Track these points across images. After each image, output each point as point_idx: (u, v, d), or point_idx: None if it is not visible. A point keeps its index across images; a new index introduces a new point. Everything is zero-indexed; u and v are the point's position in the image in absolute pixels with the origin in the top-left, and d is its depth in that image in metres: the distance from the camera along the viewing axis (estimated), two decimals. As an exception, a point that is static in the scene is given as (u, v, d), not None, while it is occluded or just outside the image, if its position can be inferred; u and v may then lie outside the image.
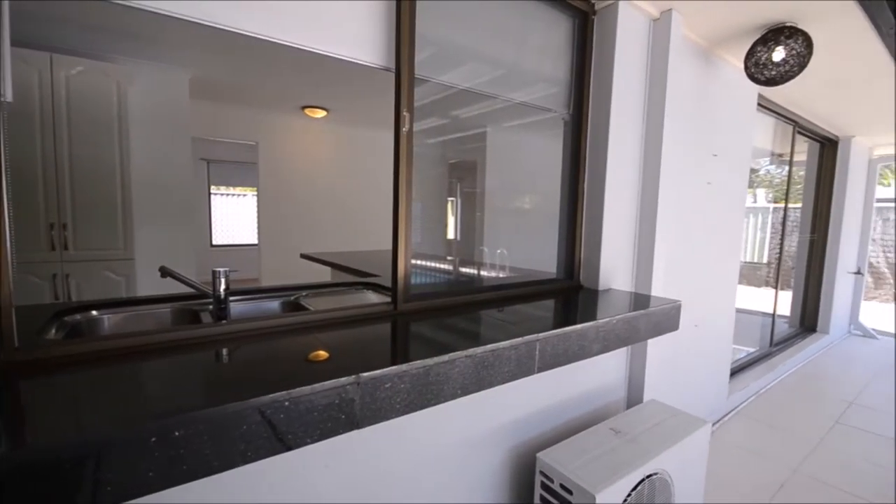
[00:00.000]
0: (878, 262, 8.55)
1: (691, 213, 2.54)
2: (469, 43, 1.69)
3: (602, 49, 1.90)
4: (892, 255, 8.44)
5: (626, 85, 1.95)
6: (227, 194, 8.42)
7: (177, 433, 0.70)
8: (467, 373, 1.10)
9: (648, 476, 1.58)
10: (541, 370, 1.29)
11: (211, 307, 1.50)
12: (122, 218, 2.91)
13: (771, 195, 5.97)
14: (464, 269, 2.86)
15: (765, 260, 5.01)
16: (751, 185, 5.57)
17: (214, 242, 8.26)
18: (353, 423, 0.91)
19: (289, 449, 0.83)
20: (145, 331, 1.05)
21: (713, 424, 3.06)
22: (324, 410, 0.87)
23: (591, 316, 1.51)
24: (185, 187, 3.53)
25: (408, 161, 1.41)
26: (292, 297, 1.77)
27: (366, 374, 0.92)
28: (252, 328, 1.18)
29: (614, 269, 2.00)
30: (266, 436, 0.80)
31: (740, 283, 5.16)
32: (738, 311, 3.81)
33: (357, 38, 1.34)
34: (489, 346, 1.14)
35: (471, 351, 1.10)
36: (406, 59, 1.38)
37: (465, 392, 1.10)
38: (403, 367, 0.98)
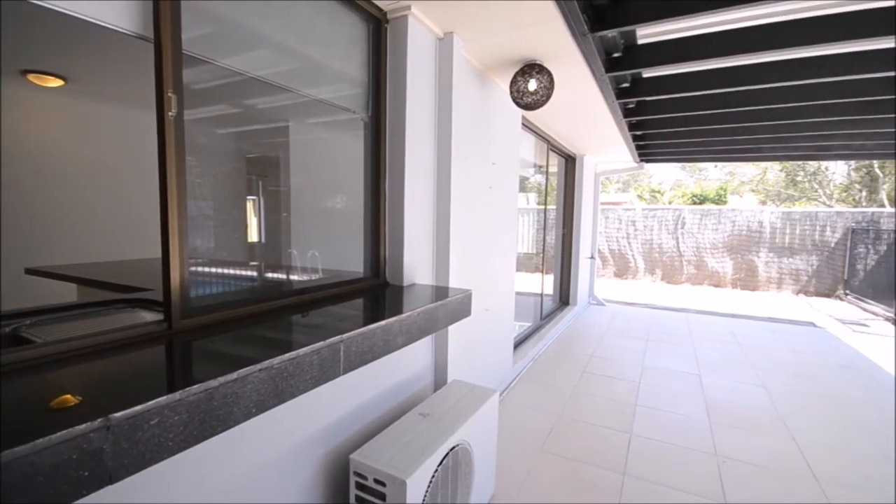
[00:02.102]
0: (603, 249, 11.60)
1: (478, 212, 2.93)
2: (259, 28, 1.54)
3: (396, 57, 2.00)
4: (613, 243, 11.53)
5: (419, 94, 2.11)
6: None
7: None
8: (263, 388, 1.00)
9: (452, 448, 1.75)
10: (347, 371, 1.28)
11: None
12: None
13: (537, 198, 7.41)
14: (270, 275, 2.62)
15: (535, 250, 6.17)
16: (523, 189, 6.78)
17: None
18: (104, 479, 0.72)
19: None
20: None
21: (503, 391, 3.62)
22: (53, 472, 0.66)
23: (396, 311, 1.58)
24: None
25: (177, 151, 1.20)
26: (7, 329, 1.30)
27: (119, 415, 0.74)
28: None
29: (417, 265, 2.14)
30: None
31: (519, 270, 6.20)
32: (518, 293, 4.58)
33: (96, -8, 1.07)
34: (288, 355, 1.07)
35: (266, 363, 1.01)
36: (168, 29, 1.17)
37: (262, 409, 1.00)
38: (177, 395, 0.83)
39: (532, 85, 2.51)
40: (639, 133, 5.06)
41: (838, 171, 17.28)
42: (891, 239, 8.44)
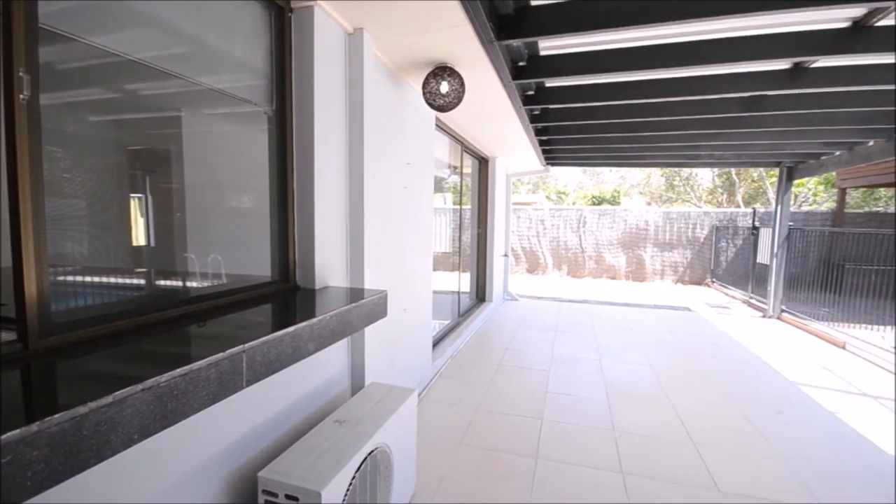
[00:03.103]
0: (515, 247, 12.24)
1: (393, 212, 2.91)
2: (140, 5, 1.37)
3: (302, 49, 1.91)
4: (524, 241, 12.20)
5: (329, 90, 2.04)
6: None
7: None
8: (148, 410, 0.89)
9: (371, 453, 1.72)
10: (252, 383, 1.19)
11: None
12: None
13: (453, 198, 7.58)
14: (162, 282, 2.34)
15: (452, 249, 6.31)
16: (440, 190, 6.89)
17: None
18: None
19: None
20: None
21: (423, 389, 3.65)
22: None
23: (307, 316, 1.51)
24: None
25: (31, 140, 1.02)
26: None
27: (-51, 458, 0.61)
28: None
29: (330, 267, 2.07)
30: None
31: (437, 269, 6.28)
32: (436, 292, 4.64)
33: None
34: (179, 371, 0.96)
35: (151, 382, 0.90)
36: (16, -2, 0.99)
37: (147, 434, 0.89)
38: (34, 427, 0.71)
39: (444, 87, 2.56)
40: (544, 138, 5.41)
41: (705, 176, 20.16)
42: (745, 234, 10.06)
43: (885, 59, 2.92)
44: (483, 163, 6.64)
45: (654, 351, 5.06)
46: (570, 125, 4.91)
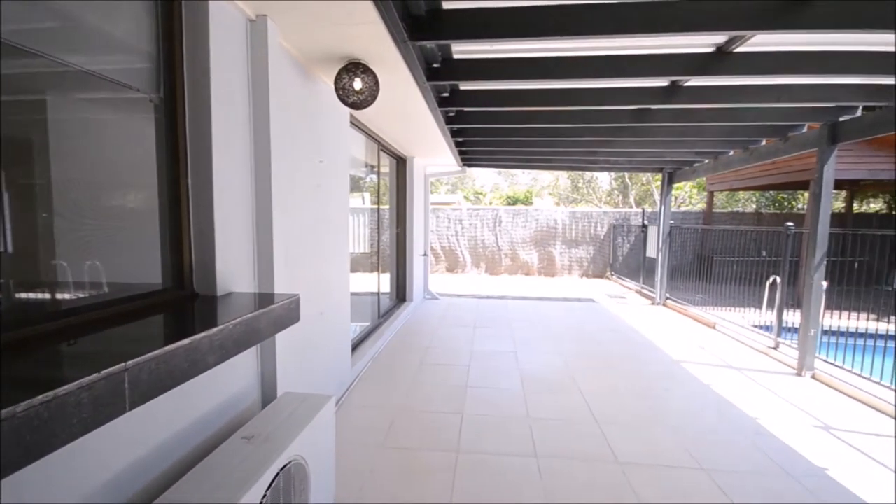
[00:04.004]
0: (435, 246, 12.40)
1: (306, 212, 2.78)
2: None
3: (195, 32, 1.73)
4: (444, 240, 12.39)
5: (228, 79, 1.88)
6: None
7: None
8: (2, 446, 0.75)
9: (284, 467, 1.62)
10: (137, 405, 1.06)
11: None
12: None
13: (372, 198, 7.46)
14: (24, 295, 1.97)
15: (371, 250, 6.20)
16: (358, 189, 6.72)
17: None
18: None
19: None
20: None
21: (342, 395, 3.54)
22: None
23: (206, 325, 1.37)
24: None
25: None
26: None
27: None
28: None
29: (234, 272, 1.91)
30: None
31: (356, 270, 6.12)
32: (355, 294, 4.52)
33: None
34: (40, 398, 0.82)
35: (5, 413, 0.76)
36: None
37: (6, 472, 0.75)
38: None
39: (357, 84, 2.50)
40: (460, 139, 5.55)
41: (604, 179, 22.22)
42: (637, 231, 11.26)
43: (742, 81, 3.46)
44: (401, 162, 6.62)
45: (564, 340, 5.46)
46: (484, 128, 5.10)
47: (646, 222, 9.74)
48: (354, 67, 2.52)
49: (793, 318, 4.91)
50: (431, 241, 12.09)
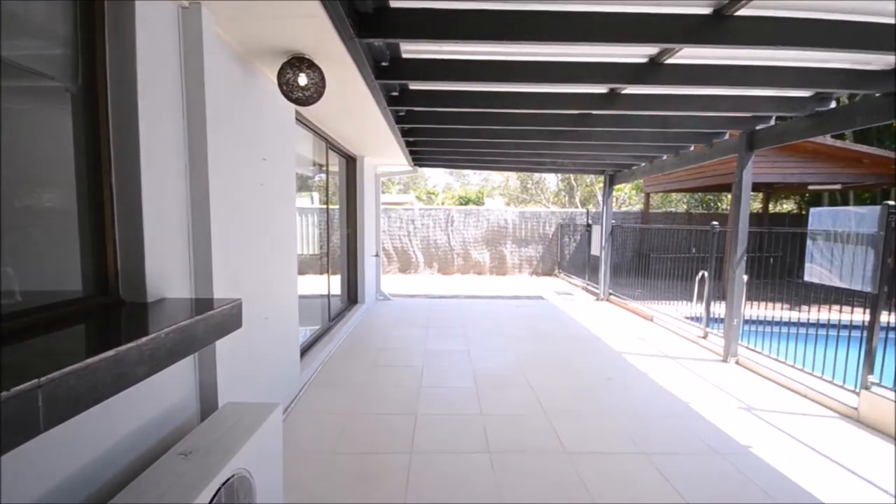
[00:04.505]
0: (387, 247, 12.27)
1: (250, 212, 2.65)
2: None
3: (118, 18, 1.59)
4: (396, 241, 12.29)
5: (157, 69, 1.74)
6: None
7: None
8: None
9: (225, 482, 1.54)
10: (53, 425, 0.95)
11: None
12: None
13: (321, 198, 7.26)
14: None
15: (321, 251, 6.02)
16: (307, 189, 6.51)
17: None
18: None
19: None
20: None
21: (291, 402, 3.41)
22: None
23: (135, 334, 1.27)
24: None
25: None
26: None
27: None
28: None
29: (167, 276, 1.78)
30: None
31: (306, 272, 5.92)
32: (304, 297, 4.37)
33: None
34: (-73, 424, 0.72)
35: None
36: None
37: None
38: None
39: (302, 80, 2.42)
40: (411, 139, 5.53)
41: (552, 181, 23.04)
42: (582, 231, 11.77)
43: (672, 90, 3.71)
44: (351, 161, 6.49)
45: (515, 337, 5.60)
46: (435, 128, 5.11)
47: (590, 222, 10.22)
48: (299, 62, 2.43)
49: (719, 309, 5.35)
50: (383, 242, 11.95)
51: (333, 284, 5.80)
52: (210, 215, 1.97)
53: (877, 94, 3.31)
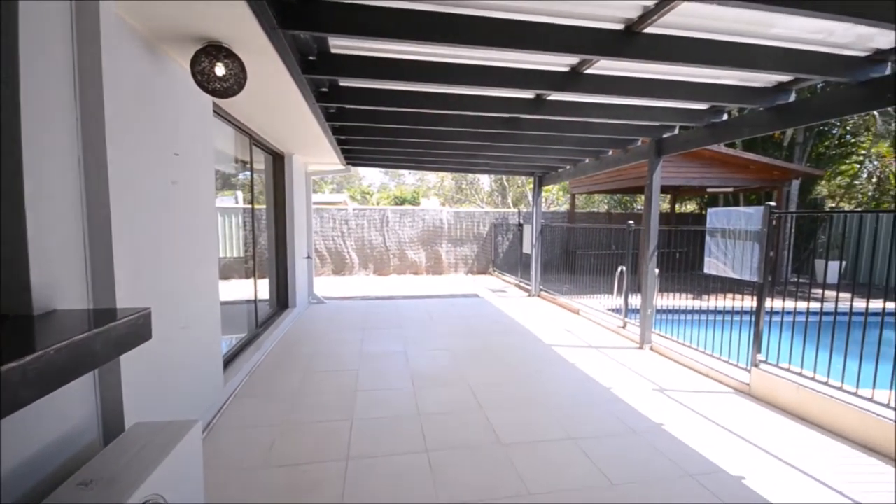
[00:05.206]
0: (320, 248, 11.85)
1: (160, 212, 2.42)
2: None
3: (-11, -12, 1.38)
4: (329, 242, 11.90)
5: (43, 48, 1.53)
6: None
7: None
8: None
9: (134, 511, 1.39)
10: None
11: None
12: None
13: (247, 197, 6.82)
14: None
15: (246, 254, 5.66)
16: (231, 187, 6.07)
17: None
18: None
19: None
20: None
21: (213, 417, 3.16)
22: None
23: (16, 353, 1.10)
24: None
25: None
26: None
27: None
28: None
29: (57, 285, 1.57)
30: None
31: (230, 277, 5.54)
32: (227, 303, 4.09)
33: None
34: None
35: None
36: None
37: None
38: None
39: (220, 70, 2.25)
40: (343, 137, 5.39)
41: (485, 181, 23.67)
42: (515, 230, 12.22)
43: (592, 98, 3.97)
44: (278, 159, 6.17)
45: (451, 336, 5.67)
46: (368, 126, 5.02)
47: (521, 221, 10.64)
48: (216, 51, 2.26)
49: (636, 300, 5.83)
50: (316, 243, 11.52)
51: (261, 289, 5.48)
52: (110, 217, 1.76)
53: (761, 108, 3.81)
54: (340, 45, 2.90)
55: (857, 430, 2.94)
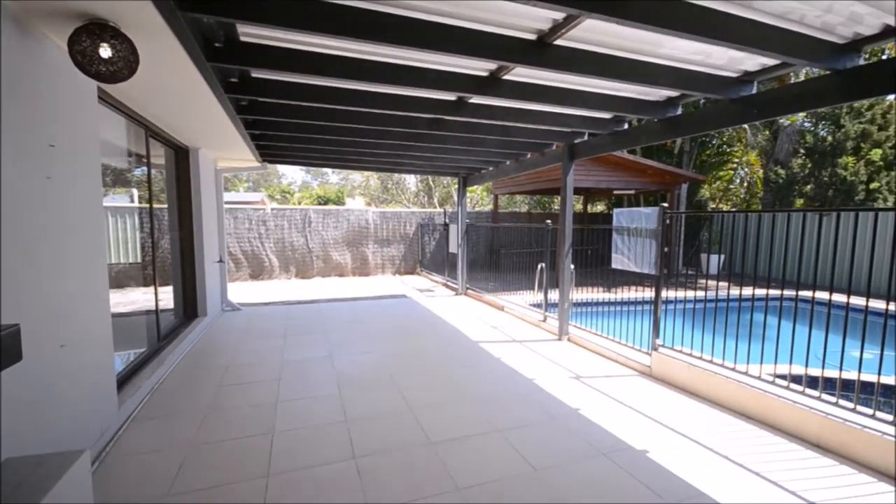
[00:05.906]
0: (235, 251, 11.01)
1: (33, 214, 2.07)
2: None
3: None
4: (245, 244, 11.09)
5: None
6: None
7: None
8: None
9: (-1, 566, 1.18)
10: None
11: None
12: None
13: (143, 195, 6.09)
14: None
15: (145, 259, 5.07)
16: (125, 184, 5.39)
17: None
18: None
19: None
20: None
21: (105, 445, 2.79)
22: None
23: None
24: None
25: None
26: None
27: None
28: None
29: None
30: None
31: (123, 285, 4.93)
32: (120, 315, 3.64)
33: None
34: None
35: None
36: None
37: None
38: None
39: (105, 51, 1.99)
40: (257, 132, 5.05)
41: (412, 181, 23.67)
42: (441, 230, 12.37)
43: (509, 103, 4.15)
44: (182, 153, 5.61)
45: (379, 338, 5.58)
46: (284, 122, 4.76)
47: (447, 221, 10.80)
48: (100, 30, 1.99)
49: (555, 295, 6.21)
50: (230, 246, 10.68)
51: (165, 297, 4.94)
52: (-39, 217, 1.48)
53: (655, 119, 4.25)
54: (250, 32, 2.71)
55: (734, 399, 3.40)
